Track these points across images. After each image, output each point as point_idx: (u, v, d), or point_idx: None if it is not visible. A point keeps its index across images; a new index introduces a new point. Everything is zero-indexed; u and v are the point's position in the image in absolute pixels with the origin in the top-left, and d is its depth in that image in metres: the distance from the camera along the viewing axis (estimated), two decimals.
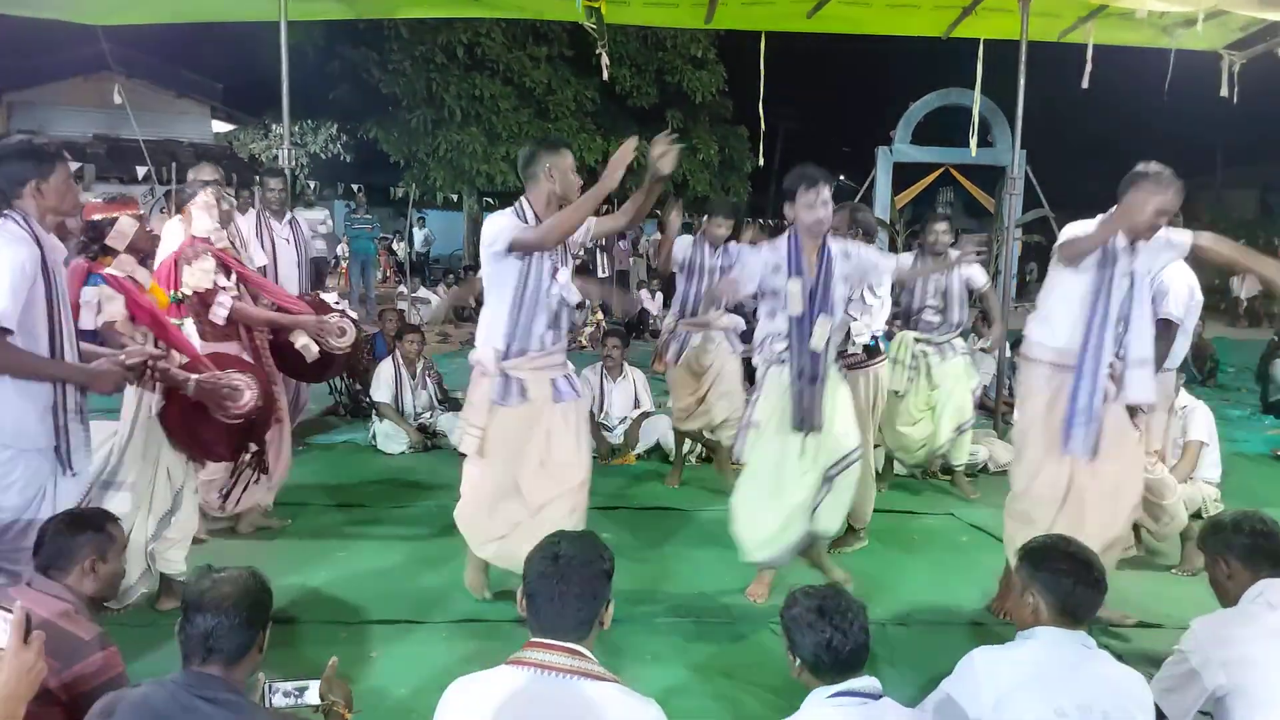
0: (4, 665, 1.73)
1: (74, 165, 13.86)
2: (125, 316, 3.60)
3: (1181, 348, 4.53)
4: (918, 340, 5.65)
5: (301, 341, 4.44)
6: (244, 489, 4.42)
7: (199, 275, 4.09)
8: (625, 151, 3.42)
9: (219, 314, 4.16)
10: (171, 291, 4.02)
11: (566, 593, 2.05)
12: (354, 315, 4.79)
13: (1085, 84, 7.24)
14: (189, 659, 2.03)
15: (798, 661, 2.22)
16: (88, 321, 3.50)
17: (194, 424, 3.66)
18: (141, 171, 12.88)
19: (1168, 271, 4.20)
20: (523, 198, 3.74)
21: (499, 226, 3.63)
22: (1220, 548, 2.69)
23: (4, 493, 2.82)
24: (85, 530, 2.53)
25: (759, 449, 3.99)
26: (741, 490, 4.05)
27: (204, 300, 4.12)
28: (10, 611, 1.79)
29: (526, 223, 3.66)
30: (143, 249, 3.85)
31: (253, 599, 2.10)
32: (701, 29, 9.58)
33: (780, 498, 3.92)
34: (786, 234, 3.95)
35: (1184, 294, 4.30)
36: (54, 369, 2.92)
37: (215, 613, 2.02)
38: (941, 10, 7.32)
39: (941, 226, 5.49)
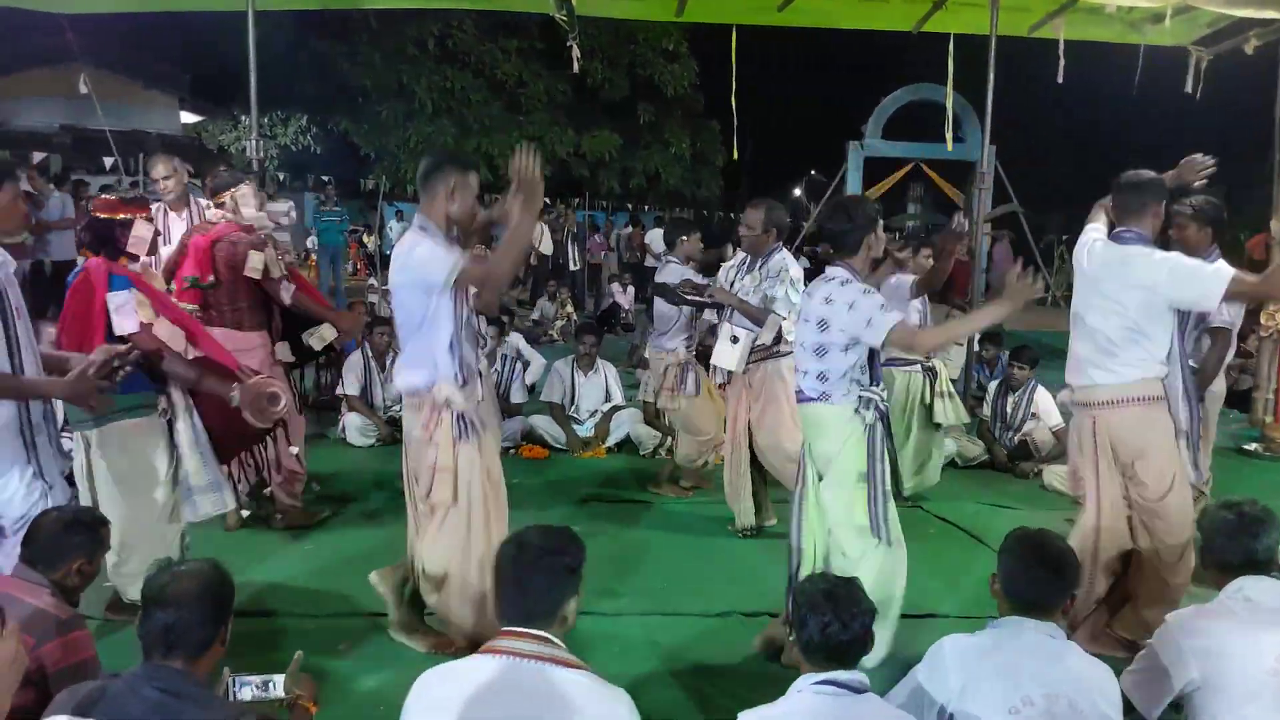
0: None
1: (39, 156, 13.71)
2: (154, 318, 3.50)
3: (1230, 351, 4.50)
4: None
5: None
6: None
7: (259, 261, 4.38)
8: (527, 161, 2.98)
9: (286, 298, 4.50)
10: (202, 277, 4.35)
11: (528, 581, 2.06)
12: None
13: (1060, 79, 7.30)
14: (150, 653, 2.00)
15: (793, 638, 2.22)
16: (128, 325, 3.36)
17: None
18: (109, 162, 12.68)
19: None
20: (424, 215, 3.23)
21: (431, 257, 3.08)
22: (1205, 540, 2.70)
23: (8, 505, 2.83)
24: (80, 532, 2.55)
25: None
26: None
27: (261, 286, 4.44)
28: None
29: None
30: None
31: (214, 592, 2.08)
32: (673, 22, 9.55)
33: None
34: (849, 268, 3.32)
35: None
36: (32, 387, 2.86)
37: (176, 607, 1.99)
38: (912, 4, 7.37)
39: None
